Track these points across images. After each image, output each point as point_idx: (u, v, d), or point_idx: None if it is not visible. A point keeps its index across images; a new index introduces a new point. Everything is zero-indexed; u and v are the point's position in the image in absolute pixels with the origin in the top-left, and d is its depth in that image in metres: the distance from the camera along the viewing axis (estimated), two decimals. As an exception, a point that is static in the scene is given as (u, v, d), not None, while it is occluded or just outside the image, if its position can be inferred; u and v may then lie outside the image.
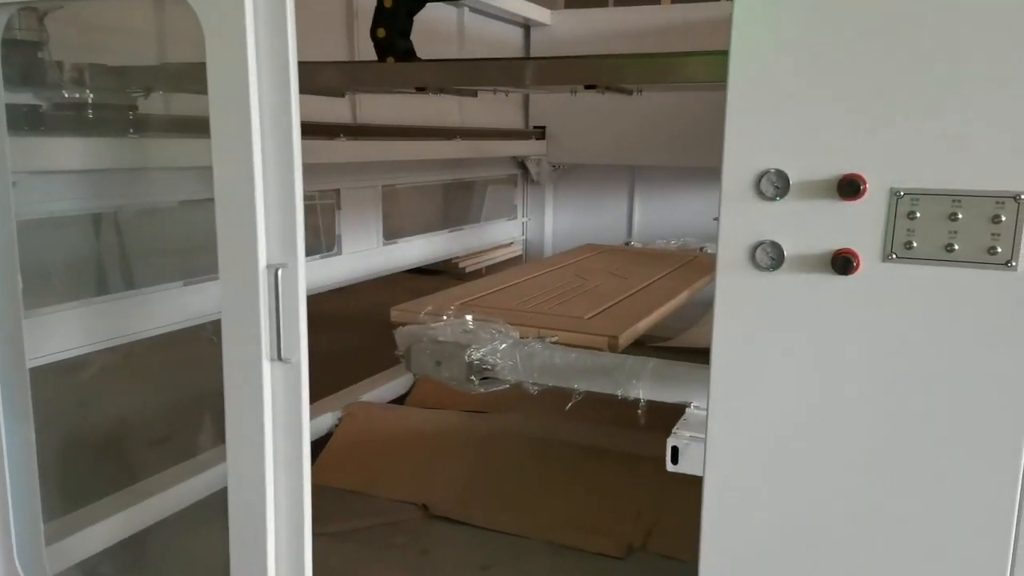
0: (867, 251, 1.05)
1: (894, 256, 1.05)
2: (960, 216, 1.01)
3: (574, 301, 2.70)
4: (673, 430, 1.85)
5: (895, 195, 1.04)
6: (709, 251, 3.86)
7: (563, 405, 2.08)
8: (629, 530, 2.38)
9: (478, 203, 4.81)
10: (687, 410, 1.97)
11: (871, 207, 1.05)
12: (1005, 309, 1.00)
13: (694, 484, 1.29)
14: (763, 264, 1.11)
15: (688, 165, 4.23)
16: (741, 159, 1.10)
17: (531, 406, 2.53)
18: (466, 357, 2.09)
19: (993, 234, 1.00)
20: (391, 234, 3.72)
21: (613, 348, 2.29)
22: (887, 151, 1.04)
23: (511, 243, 4.82)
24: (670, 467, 1.81)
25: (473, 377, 2.10)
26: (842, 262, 1.06)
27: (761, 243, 1.11)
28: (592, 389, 2.06)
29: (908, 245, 1.04)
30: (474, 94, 2.86)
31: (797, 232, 1.09)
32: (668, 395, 2.00)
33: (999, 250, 1.00)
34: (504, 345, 2.14)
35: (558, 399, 2.10)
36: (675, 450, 1.80)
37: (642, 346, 2.57)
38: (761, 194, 1.09)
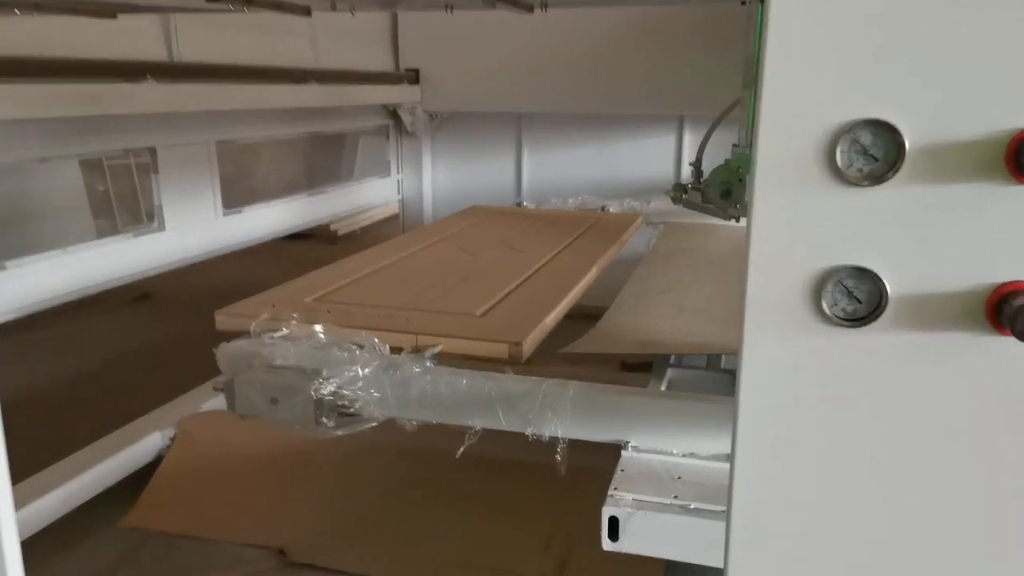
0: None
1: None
2: None
3: (461, 288, 2.11)
4: (610, 489, 1.33)
5: None
6: (611, 210, 3.39)
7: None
8: (538, 566, 1.87)
9: (350, 160, 4.13)
10: (623, 454, 1.45)
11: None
12: None
13: None
14: (836, 313, 0.56)
15: (583, 112, 3.70)
16: (797, 106, 0.54)
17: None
18: (313, 392, 1.48)
19: None
20: (236, 201, 3.01)
21: (516, 358, 1.73)
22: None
23: (386, 205, 4.19)
24: (607, 545, 1.29)
25: (325, 418, 1.50)
26: (1014, 313, 0.52)
27: (836, 272, 0.56)
28: (491, 426, 1.52)
29: None
30: (306, 11, 2.16)
31: (912, 249, 0.54)
32: (597, 431, 1.48)
33: None
34: (368, 370, 1.54)
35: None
36: (614, 522, 1.28)
37: (547, 352, 2.03)
38: (838, 175, 0.53)
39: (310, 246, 4.38)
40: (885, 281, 0.58)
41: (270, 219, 3.18)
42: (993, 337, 0.56)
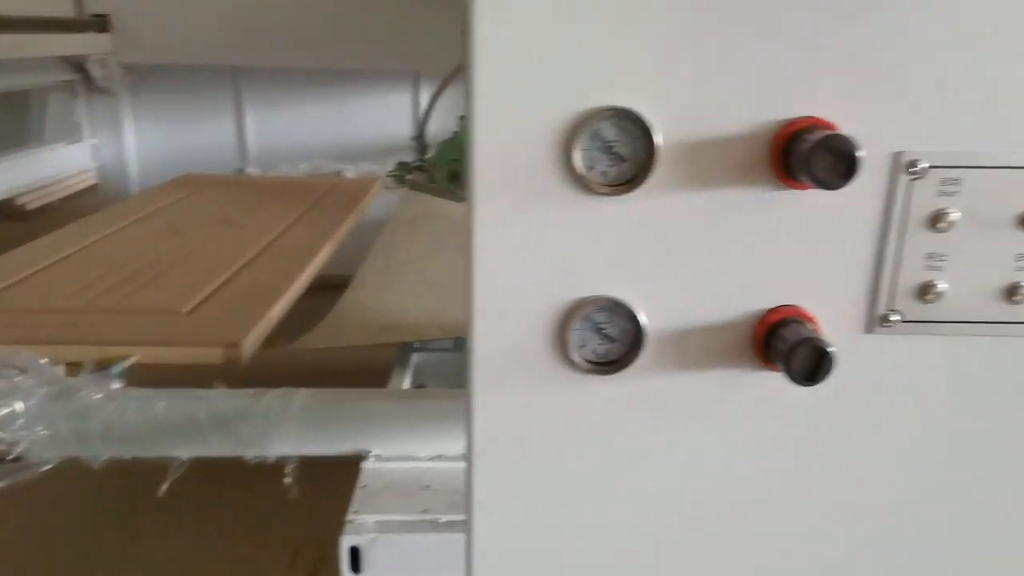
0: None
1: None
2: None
3: (166, 279, 1.79)
4: (349, 513, 1.15)
5: None
6: (349, 175, 3.15)
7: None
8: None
9: (38, 122, 3.44)
10: (363, 466, 1.28)
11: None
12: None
13: None
14: (586, 357, 0.43)
15: (311, 66, 3.38)
16: (520, 89, 0.40)
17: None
18: (-51, 442, 1.13)
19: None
20: None
21: (234, 362, 1.49)
22: None
23: (79, 175, 3.57)
24: (348, 578, 1.12)
25: (-29, 472, 1.16)
26: (788, 351, 0.42)
27: (582, 306, 0.42)
28: (201, 454, 1.27)
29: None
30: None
31: (669, 272, 0.42)
32: (333, 444, 1.29)
33: None
34: (32, 402, 1.21)
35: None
36: (355, 552, 1.11)
37: (274, 345, 1.79)
38: (579, 180, 0.40)
39: (-11, 225, 3.64)
40: (640, 314, 0.46)
41: None
42: (763, 374, 0.47)
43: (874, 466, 0.49)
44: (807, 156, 0.40)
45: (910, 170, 0.44)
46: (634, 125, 0.43)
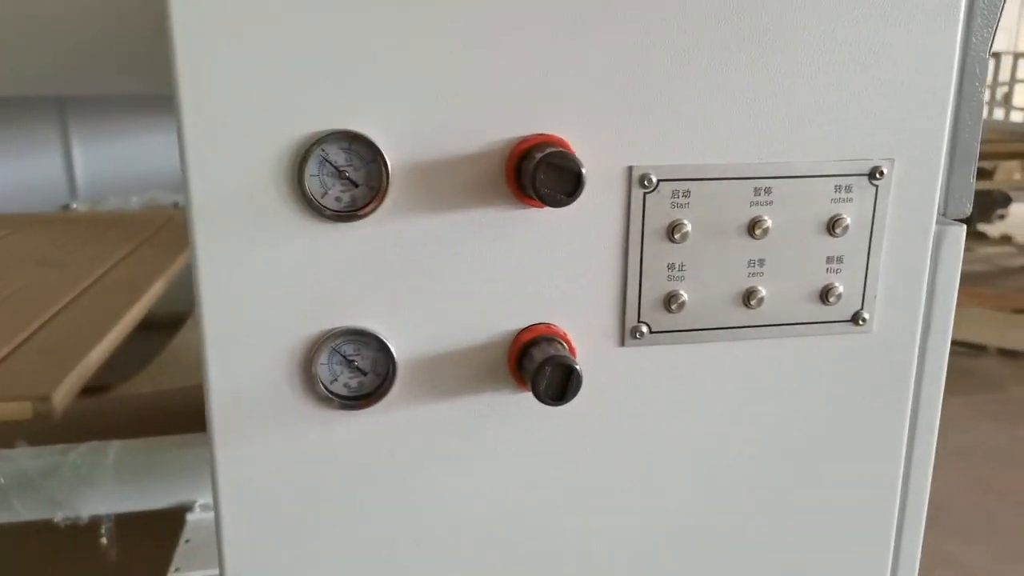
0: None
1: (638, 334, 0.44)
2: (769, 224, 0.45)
3: (-31, 331, 1.62)
4: (169, 571, 1.07)
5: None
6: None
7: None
8: None
9: None
10: (189, 519, 1.19)
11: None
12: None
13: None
14: (339, 391, 0.41)
15: (143, 91, 3.19)
16: (238, 111, 0.38)
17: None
18: None
19: (831, 261, 0.46)
20: None
21: (46, 416, 1.36)
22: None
23: None
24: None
25: None
26: (535, 371, 0.42)
27: (329, 338, 0.40)
28: (5, 520, 1.15)
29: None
30: None
31: (413, 298, 0.41)
32: (154, 498, 1.20)
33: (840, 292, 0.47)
34: None
35: None
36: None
37: (107, 390, 1.66)
38: (312, 206, 0.38)
39: None
40: (389, 343, 0.44)
41: None
42: (523, 395, 0.46)
43: (638, 472, 0.50)
44: (532, 174, 0.40)
45: (643, 184, 0.45)
46: (364, 148, 0.41)
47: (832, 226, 0.47)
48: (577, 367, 0.43)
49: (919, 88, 0.46)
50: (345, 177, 0.42)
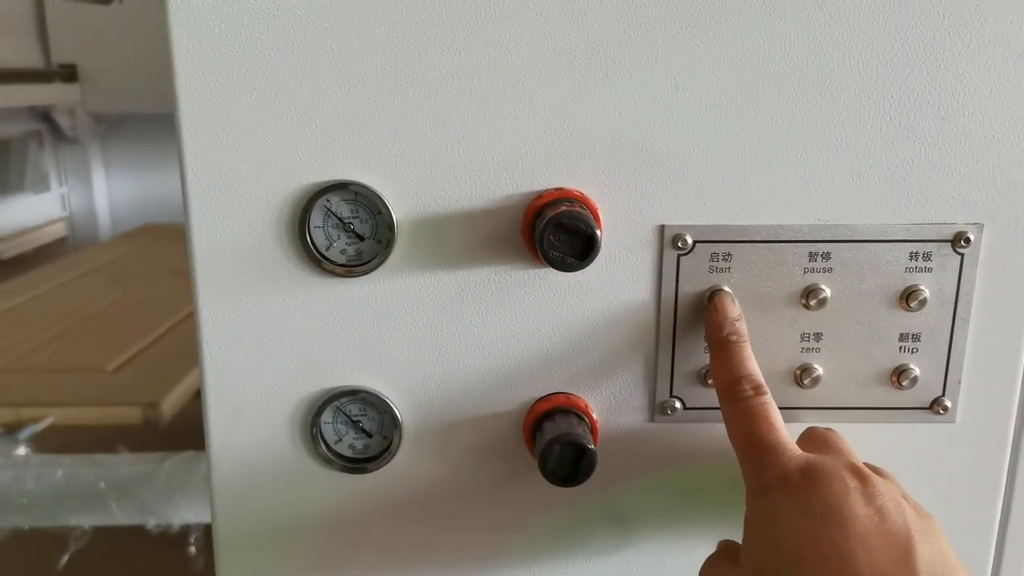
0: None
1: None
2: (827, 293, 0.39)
3: (97, 335, 1.75)
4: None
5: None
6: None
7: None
8: None
9: (15, 172, 3.43)
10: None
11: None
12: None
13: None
14: (343, 453, 0.39)
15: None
16: (240, 161, 0.37)
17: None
18: None
19: (904, 339, 0.40)
20: None
21: (153, 423, 1.44)
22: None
23: (49, 224, 3.54)
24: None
25: None
26: (544, 449, 0.39)
27: (333, 398, 0.38)
28: (102, 523, 1.22)
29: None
30: None
31: (421, 359, 0.39)
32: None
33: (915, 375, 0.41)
34: (-78, 471, 1.16)
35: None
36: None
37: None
38: (317, 261, 0.36)
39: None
40: (395, 406, 0.41)
41: None
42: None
43: (661, 561, 0.44)
44: (541, 235, 0.36)
45: (677, 245, 0.40)
46: (369, 200, 0.39)
47: (906, 299, 0.41)
48: (591, 447, 0.39)
49: (1012, 141, 0.39)
50: (350, 230, 0.40)
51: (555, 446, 0.39)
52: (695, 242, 0.40)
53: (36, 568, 1.27)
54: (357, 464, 0.42)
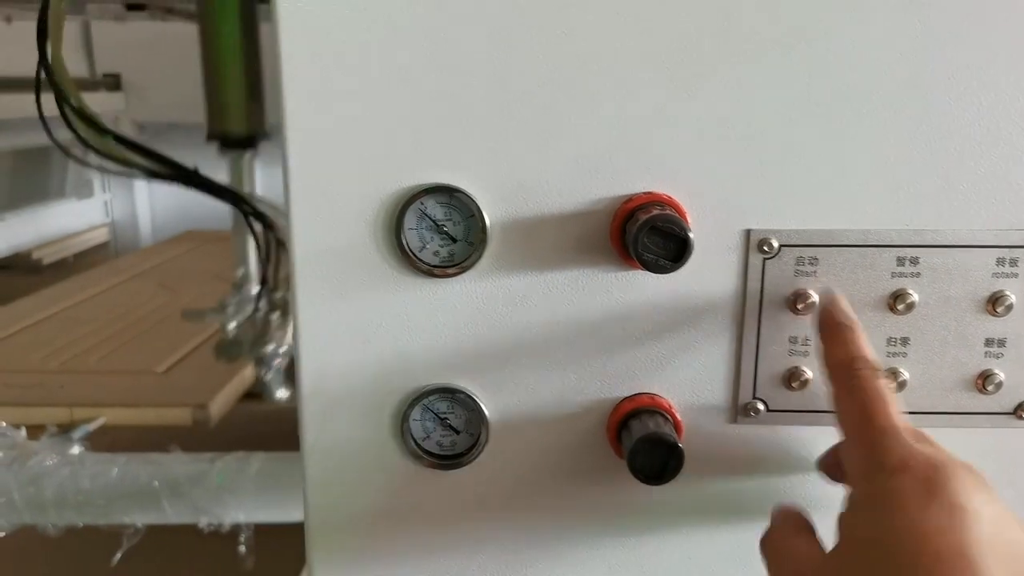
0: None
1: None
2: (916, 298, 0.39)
3: (147, 337, 1.79)
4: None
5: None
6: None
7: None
8: None
9: (57, 178, 3.52)
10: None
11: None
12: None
13: None
14: (430, 449, 0.41)
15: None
16: (340, 165, 0.39)
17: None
18: None
19: (991, 344, 0.40)
20: None
21: (202, 423, 1.47)
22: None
23: (91, 230, 3.63)
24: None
25: (-83, 541, 1.14)
26: (633, 450, 0.41)
27: (422, 396, 0.40)
28: (155, 521, 1.24)
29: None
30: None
31: (506, 357, 0.40)
32: (292, 511, 1.25)
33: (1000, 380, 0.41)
34: (-14, 467, 1.20)
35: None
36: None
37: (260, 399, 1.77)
38: (410, 261, 0.37)
39: (5, 279, 3.70)
40: (482, 404, 0.42)
41: None
42: (623, 468, 0.43)
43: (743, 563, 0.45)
44: (635, 238, 0.37)
45: (763, 249, 0.41)
46: (462, 203, 0.40)
47: (993, 304, 0.41)
48: (680, 445, 0.39)
49: (1108, 148, 0.39)
50: (443, 232, 0.41)
51: (644, 444, 0.39)
52: (781, 246, 0.41)
53: (90, 565, 1.30)
54: (445, 460, 0.44)
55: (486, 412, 0.43)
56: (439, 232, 0.41)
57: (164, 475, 1.23)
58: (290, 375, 1.43)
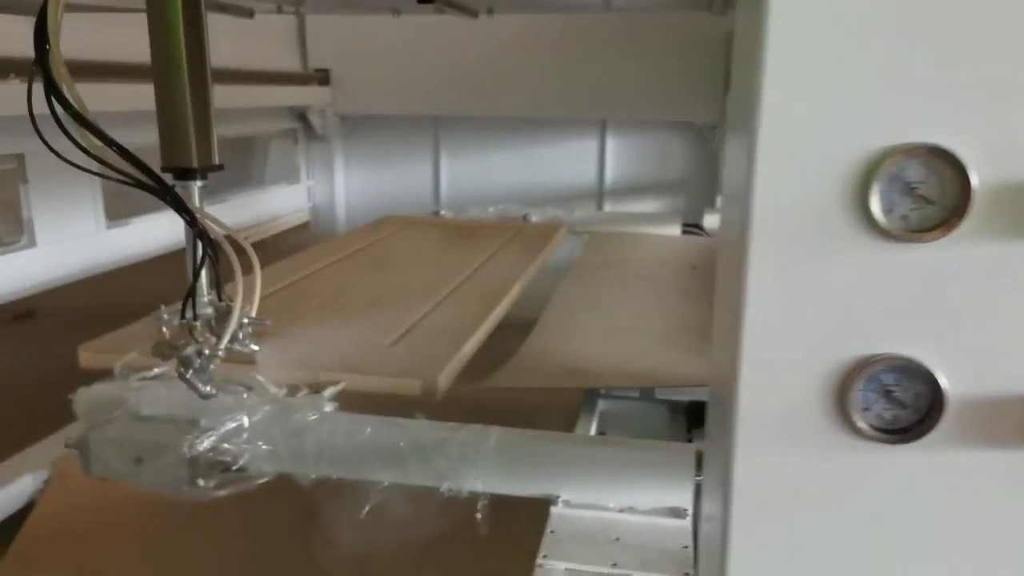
0: None
1: None
2: None
3: (369, 313, 1.89)
4: (539, 557, 1.13)
5: None
6: (534, 219, 3.22)
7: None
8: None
9: (260, 166, 3.84)
10: (553, 511, 1.26)
11: None
12: None
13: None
14: (870, 422, 0.39)
15: (503, 115, 3.55)
16: (813, 130, 0.39)
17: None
18: (186, 449, 1.24)
19: None
20: (122, 212, 2.70)
21: (430, 395, 1.54)
22: None
23: (294, 213, 3.91)
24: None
25: (201, 479, 1.26)
26: None
27: (868, 365, 0.38)
28: (400, 481, 1.31)
29: None
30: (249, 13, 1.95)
31: (981, 330, 0.37)
32: (524, 485, 1.28)
33: None
34: (256, 418, 1.31)
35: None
36: (546, 599, 1.08)
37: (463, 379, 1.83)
38: (873, 224, 0.36)
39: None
40: (941, 377, 0.40)
41: (162, 231, 2.85)
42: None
43: None
44: None
45: None
46: (946, 164, 0.39)
47: None
48: None
49: None
50: (917, 195, 0.39)
51: None
52: None
53: (340, 515, 1.40)
54: (889, 435, 0.42)
55: (943, 387, 0.41)
56: (912, 195, 0.40)
57: (411, 438, 1.30)
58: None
